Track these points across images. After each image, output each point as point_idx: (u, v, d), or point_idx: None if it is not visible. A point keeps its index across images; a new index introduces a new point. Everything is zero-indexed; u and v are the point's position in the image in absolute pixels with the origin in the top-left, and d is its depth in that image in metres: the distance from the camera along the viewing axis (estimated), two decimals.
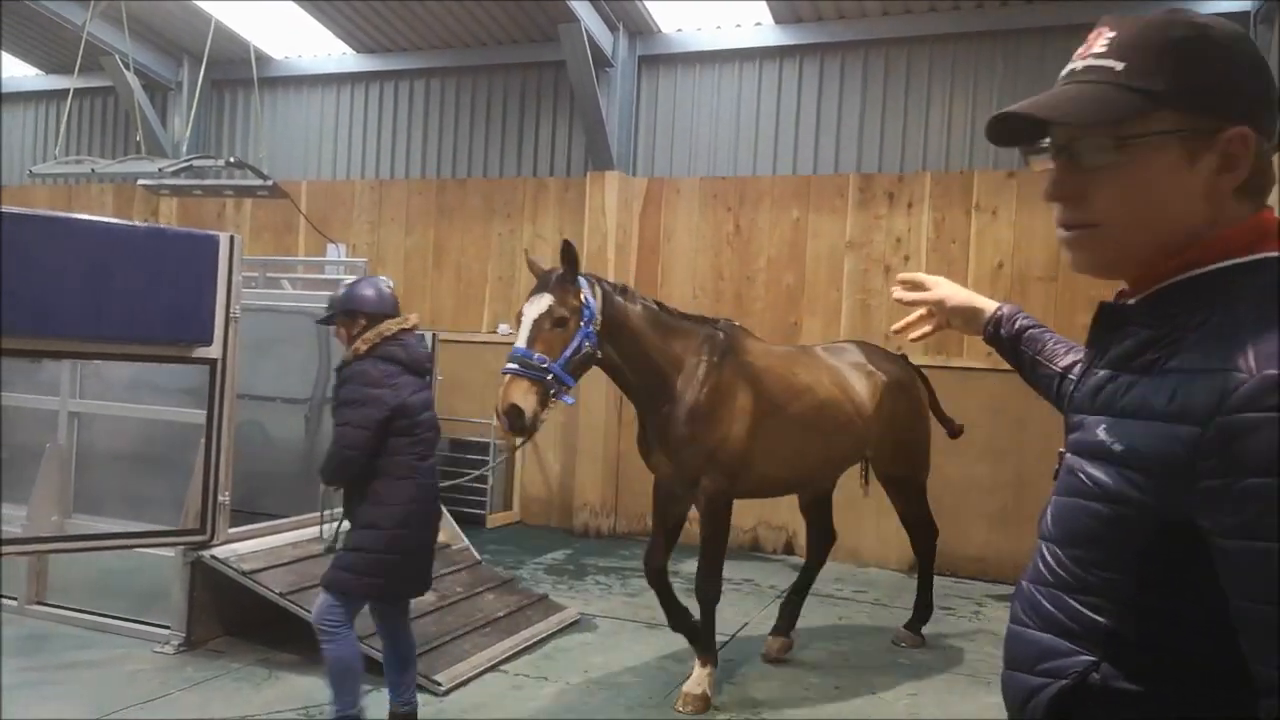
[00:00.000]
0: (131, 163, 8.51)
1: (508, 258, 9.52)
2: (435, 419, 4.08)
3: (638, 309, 4.64)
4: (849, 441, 5.22)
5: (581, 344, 4.33)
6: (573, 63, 8.25)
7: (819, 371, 5.20)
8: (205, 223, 10.43)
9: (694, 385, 4.62)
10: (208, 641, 5.19)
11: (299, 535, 5.73)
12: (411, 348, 4.00)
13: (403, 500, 3.86)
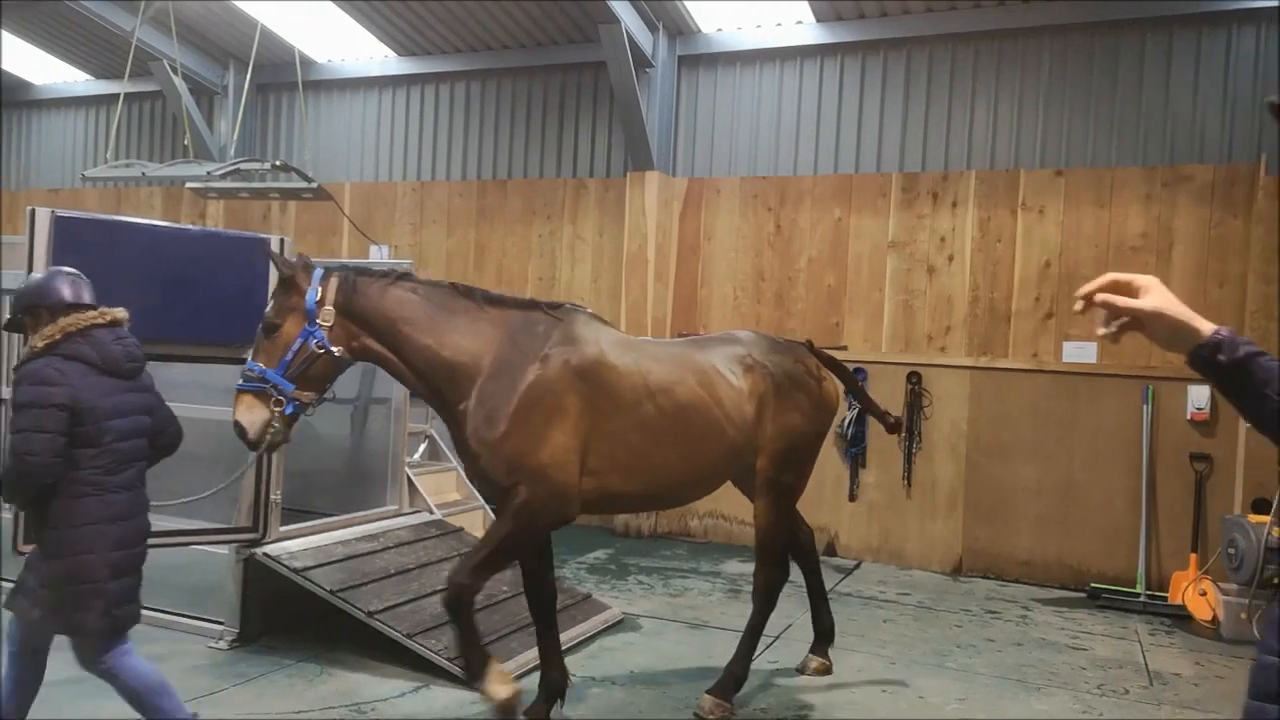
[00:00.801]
0: (180, 166, 8.66)
1: (548, 258, 9.58)
2: (142, 426, 3.59)
3: (406, 297, 4.06)
4: (718, 449, 4.39)
5: (306, 346, 3.92)
6: (613, 63, 8.27)
7: (681, 369, 4.38)
8: (251, 225, 10.60)
9: (498, 381, 3.97)
10: (260, 637, 5.28)
11: (348, 534, 5.82)
12: (104, 345, 3.48)
13: (85, 521, 3.37)
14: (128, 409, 3.52)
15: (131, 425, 3.53)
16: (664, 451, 4.24)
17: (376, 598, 5.13)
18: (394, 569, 5.53)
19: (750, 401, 4.50)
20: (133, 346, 3.60)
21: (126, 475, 3.51)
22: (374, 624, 4.94)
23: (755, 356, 4.62)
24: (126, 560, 3.50)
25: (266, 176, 9.42)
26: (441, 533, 6.33)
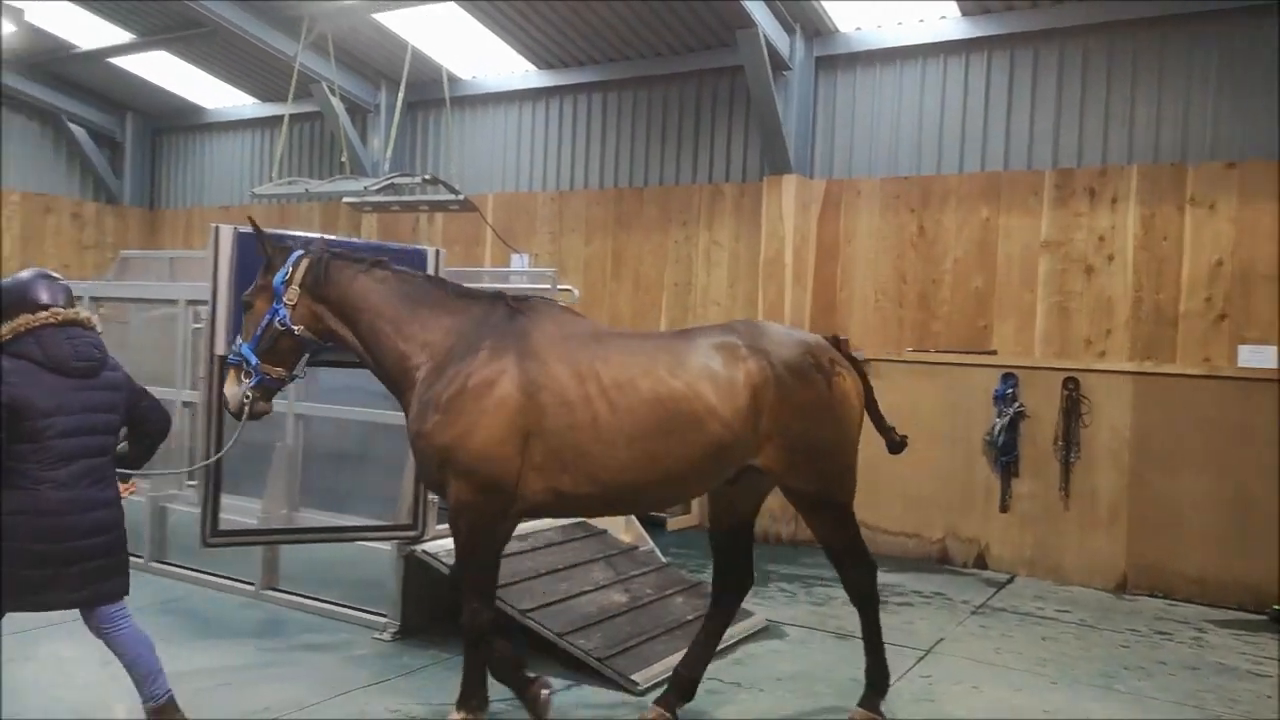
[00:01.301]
0: (339, 182, 9.18)
1: (684, 264, 9.63)
2: (93, 423, 3.69)
3: (369, 282, 4.21)
4: (698, 446, 3.98)
5: (271, 323, 4.14)
6: (750, 68, 8.25)
7: (650, 361, 4.06)
8: (401, 236, 11.10)
9: (440, 374, 3.98)
10: (420, 631, 5.51)
11: None
12: (51, 344, 3.61)
13: (11, 510, 3.54)
14: (74, 407, 3.64)
15: (77, 423, 3.64)
16: (620, 451, 3.94)
17: (528, 596, 5.28)
18: (544, 569, 5.67)
19: (744, 392, 4.03)
20: (86, 346, 3.71)
21: (68, 471, 3.62)
22: (526, 622, 5.08)
23: (753, 345, 4.14)
24: (54, 553, 3.59)
25: (416, 190, 9.85)
26: (586, 534, 6.45)
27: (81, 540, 3.65)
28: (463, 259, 10.75)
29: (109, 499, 3.79)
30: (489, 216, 10.28)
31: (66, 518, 3.61)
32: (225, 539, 5.20)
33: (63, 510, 3.60)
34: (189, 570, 6.50)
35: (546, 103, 10.54)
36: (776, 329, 4.39)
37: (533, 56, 10.20)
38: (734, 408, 4.01)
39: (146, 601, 5.95)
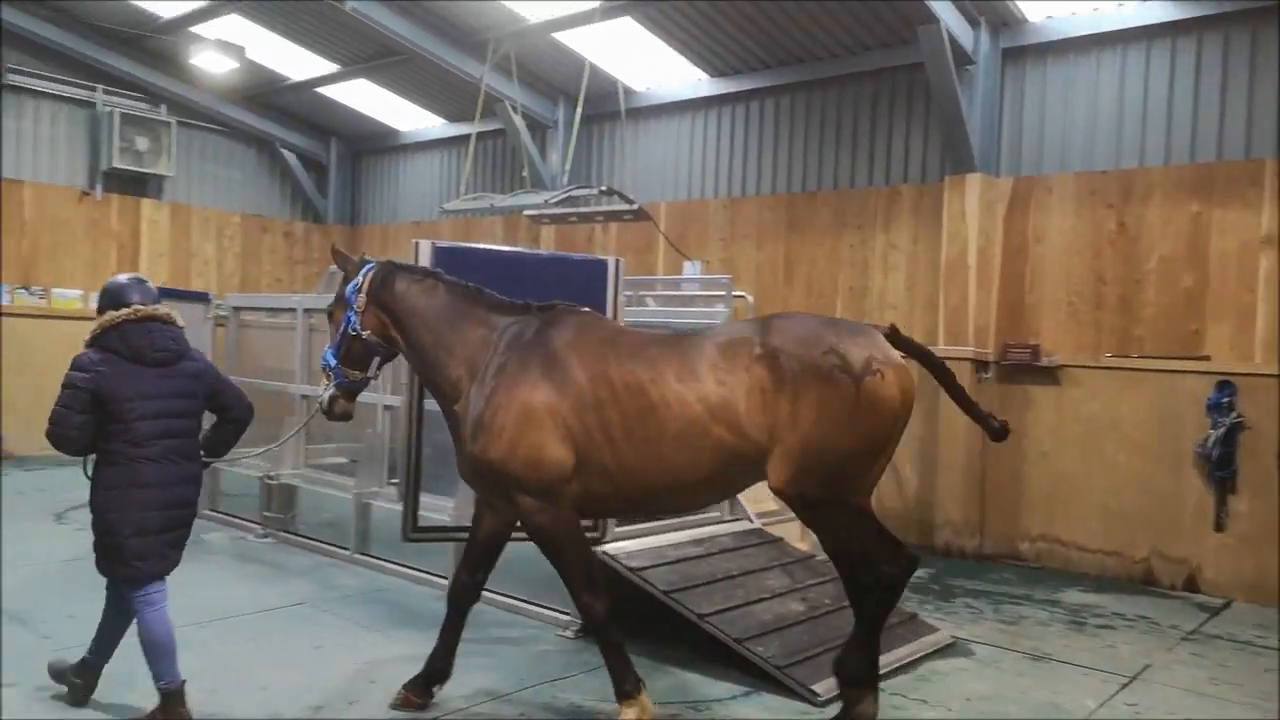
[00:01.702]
0: (521, 196, 9.58)
1: (859, 268, 9.43)
2: (174, 408, 4.06)
3: (421, 291, 4.45)
4: (703, 452, 3.96)
5: (344, 329, 4.49)
6: (932, 64, 8.00)
7: (661, 365, 4.05)
8: (577, 246, 11.45)
9: (481, 387, 4.17)
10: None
11: (676, 537, 6.07)
12: (132, 337, 4.02)
13: (112, 485, 3.94)
14: (154, 393, 4.03)
15: (158, 407, 4.03)
16: (631, 455, 4.02)
17: (706, 601, 5.32)
18: (720, 574, 5.70)
19: (748, 397, 3.91)
20: (164, 339, 4.11)
21: (155, 449, 4.00)
22: (705, 626, 5.12)
23: (770, 344, 3.97)
24: (152, 521, 3.98)
25: (592, 201, 10.14)
26: (761, 541, 6.44)
27: (169, 511, 4.07)
28: (635, 268, 10.95)
29: (192, 475, 4.18)
30: (661, 225, 10.44)
31: (158, 490, 4.02)
32: (423, 535, 5.54)
33: (155, 483, 4.00)
34: (389, 563, 6.95)
35: (719, 110, 10.60)
36: (807, 324, 4.10)
37: (706, 65, 10.29)
38: (733, 415, 3.93)
39: (352, 591, 6.43)
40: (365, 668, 4.96)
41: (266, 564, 7.10)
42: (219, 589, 6.31)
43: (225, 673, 4.75)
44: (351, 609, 6.01)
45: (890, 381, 3.92)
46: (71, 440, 3.95)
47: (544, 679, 4.91)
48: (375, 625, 5.70)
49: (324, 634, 5.50)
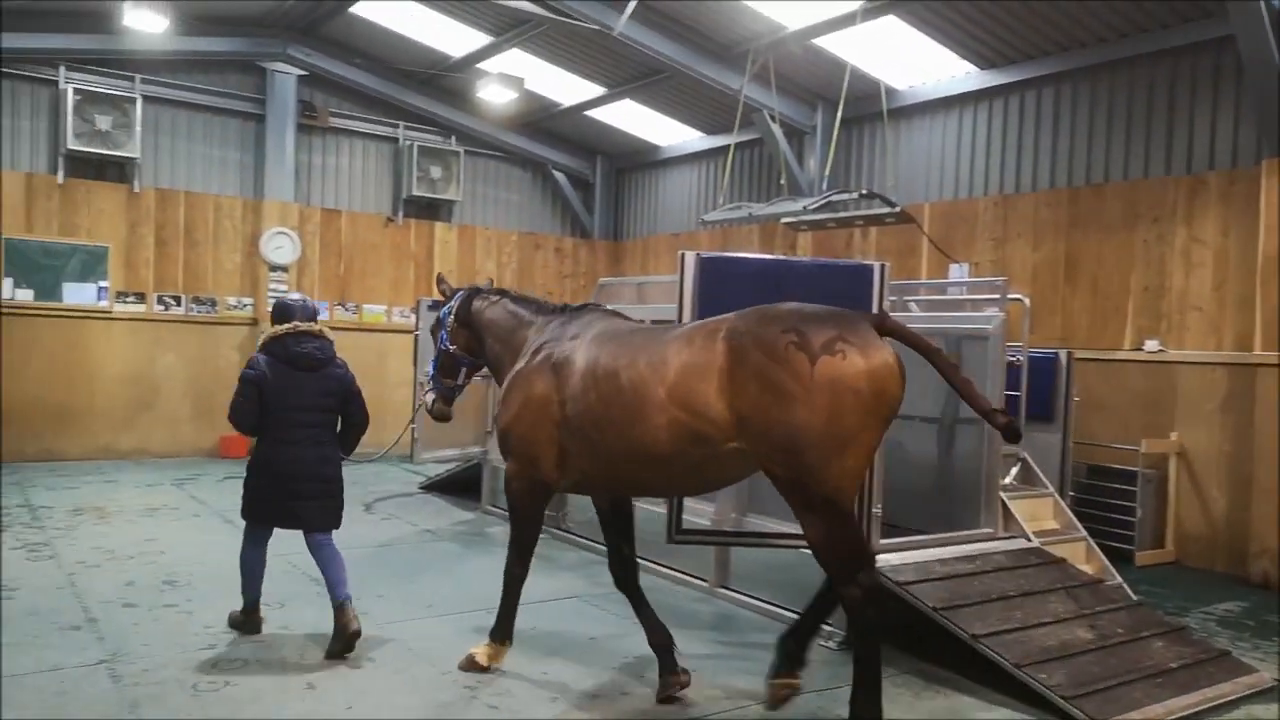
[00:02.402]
0: (779, 204, 9.61)
1: (1154, 266, 8.56)
2: (319, 404, 5.12)
3: (490, 307, 5.30)
4: (666, 433, 4.06)
5: (442, 345, 5.44)
6: (1245, 37, 7.13)
7: (639, 352, 4.28)
8: (836, 252, 11.29)
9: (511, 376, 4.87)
10: None
11: (945, 553, 5.83)
12: (290, 347, 5.11)
13: (265, 459, 5.11)
14: (300, 392, 5.09)
15: (302, 402, 5.09)
16: (608, 438, 4.30)
17: (980, 621, 5.05)
18: (995, 594, 5.39)
19: (707, 378, 3.99)
20: (313, 350, 5.15)
21: (298, 434, 5.08)
22: (979, 648, 4.86)
23: (736, 327, 4.02)
24: (283, 485, 5.08)
25: (851, 205, 9.96)
26: (1042, 562, 6.01)
27: (301, 484, 5.11)
28: (897, 272, 10.61)
29: (325, 457, 5.19)
30: (925, 226, 10.05)
31: (289, 466, 5.08)
32: (687, 537, 5.69)
33: (287, 462, 5.08)
34: (651, 563, 7.19)
35: (989, 103, 10.05)
36: (784, 309, 4.04)
37: (975, 58, 9.79)
38: (692, 396, 4.01)
39: (610, 587, 6.72)
40: (634, 662, 5.17)
41: (540, 558, 7.50)
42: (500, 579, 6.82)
43: (511, 657, 5.13)
44: (618, 605, 6.24)
45: (852, 362, 3.78)
46: (242, 421, 5.12)
47: (809, 688, 4.86)
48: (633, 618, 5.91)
49: (595, 627, 5.79)
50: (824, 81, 10.88)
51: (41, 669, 4.67)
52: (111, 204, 11.74)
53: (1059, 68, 9.26)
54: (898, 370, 3.84)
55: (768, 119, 10.91)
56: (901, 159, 10.85)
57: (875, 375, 3.79)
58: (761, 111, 10.95)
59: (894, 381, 3.83)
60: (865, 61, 10.15)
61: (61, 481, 10.01)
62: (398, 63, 13.07)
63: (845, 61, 9.80)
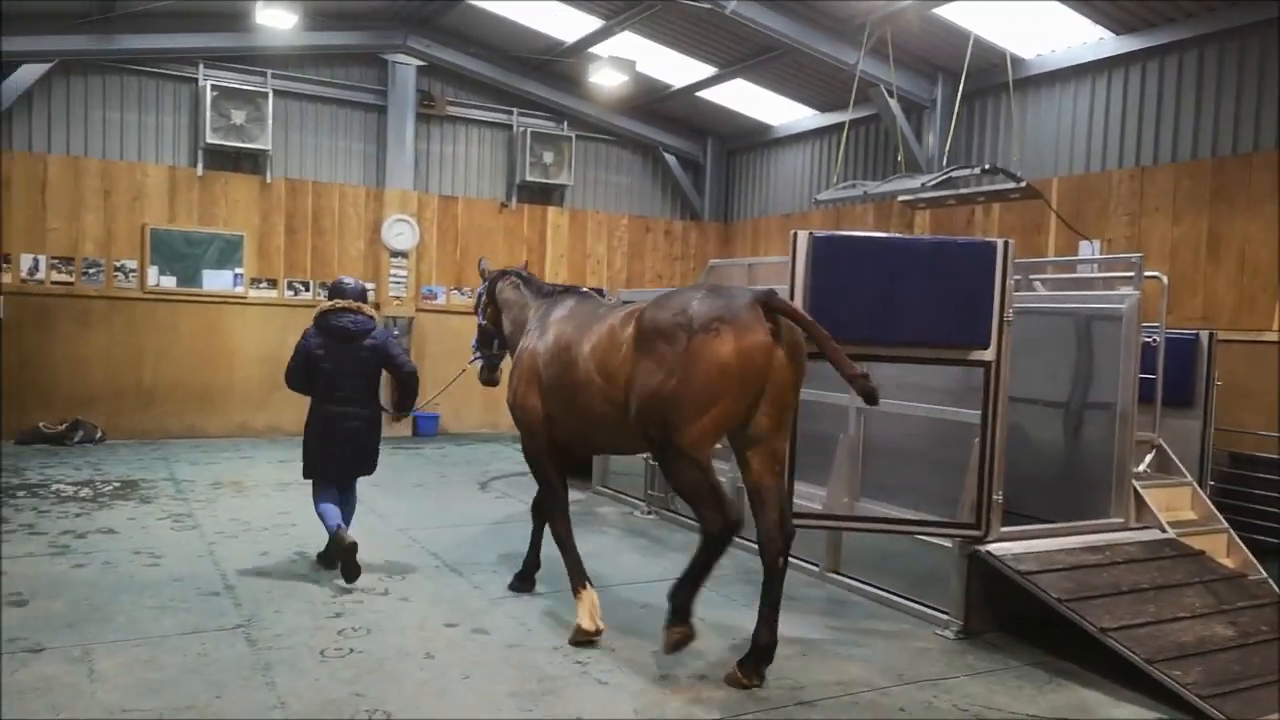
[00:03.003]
0: (896, 181, 9.33)
1: None
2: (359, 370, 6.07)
3: (507, 288, 6.22)
4: (598, 400, 4.81)
5: (479, 320, 6.60)
6: None
7: (587, 330, 5.00)
8: (955, 230, 10.90)
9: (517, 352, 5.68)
10: (983, 633, 5.36)
11: (1070, 542, 5.59)
12: (330, 321, 6.09)
13: (313, 419, 6.13)
14: (343, 360, 6.04)
15: (346, 368, 6.04)
16: (567, 402, 5.06)
17: (1108, 614, 4.82)
18: (1125, 586, 5.13)
19: (620, 352, 4.66)
20: (353, 324, 6.09)
21: (340, 395, 6.03)
22: (1107, 641, 4.64)
23: (648, 309, 4.63)
24: (327, 440, 6.06)
25: (972, 181, 9.58)
26: (1178, 554, 5.68)
27: (339, 438, 6.07)
28: (1021, 250, 10.15)
29: (365, 416, 6.13)
30: (1053, 202, 9.59)
31: (334, 424, 6.05)
32: (799, 521, 5.60)
33: (332, 420, 6.06)
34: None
35: (1126, 70, 9.47)
36: (692, 292, 4.58)
37: (1110, 22, 9.25)
38: (608, 368, 4.70)
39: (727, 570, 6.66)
40: (743, 644, 5.13)
41: (651, 538, 7.65)
42: (612, 558, 6.92)
43: (623, 634, 5.20)
44: (727, 587, 6.27)
45: (725, 339, 4.28)
46: (292, 382, 6.19)
47: (922, 678, 4.76)
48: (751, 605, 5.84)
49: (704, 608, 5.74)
50: (945, 53, 10.48)
51: (184, 631, 5.00)
52: (246, 194, 12.38)
53: (1202, 30, 8.65)
54: (768, 347, 4.33)
55: (884, 94, 10.59)
56: (1028, 132, 10.36)
57: (744, 351, 4.29)
58: (878, 86, 10.64)
59: (762, 357, 4.31)
60: (989, 30, 9.72)
61: (203, 457, 10.67)
62: (512, 50, 13.27)
63: (968, 31, 9.41)
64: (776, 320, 4.39)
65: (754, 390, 4.36)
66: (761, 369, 4.32)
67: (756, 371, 4.32)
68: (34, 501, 8.01)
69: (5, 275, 11.12)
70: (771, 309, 4.40)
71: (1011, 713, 4.35)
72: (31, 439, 10.99)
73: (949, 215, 10.99)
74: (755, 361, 4.30)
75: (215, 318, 12.19)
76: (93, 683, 4.26)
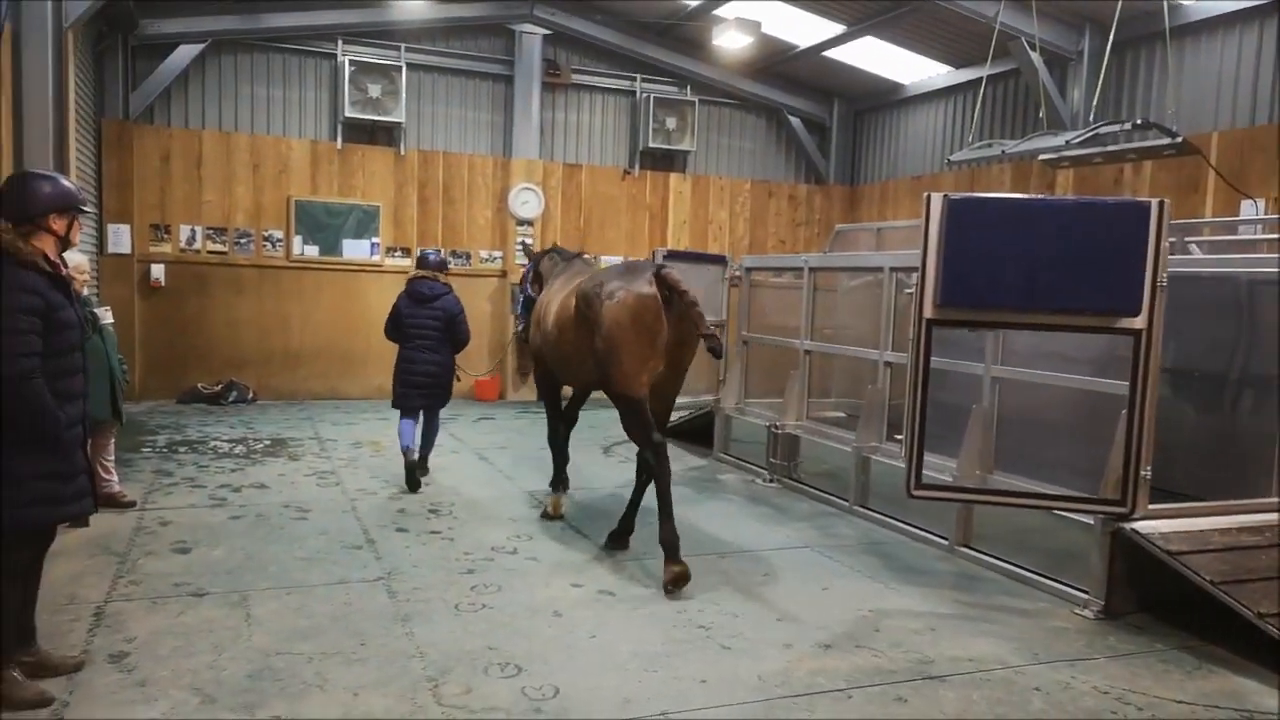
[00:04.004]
0: (1037, 139, 8.83)
1: None
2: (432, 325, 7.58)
3: (546, 261, 7.48)
4: (560, 346, 6.13)
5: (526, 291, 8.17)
6: None
7: (559, 291, 6.31)
8: (1101, 191, 10.30)
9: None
10: (1126, 615, 5.12)
11: (1225, 521, 5.25)
12: (413, 287, 7.71)
13: (399, 361, 7.68)
14: (419, 316, 7.61)
15: (422, 323, 7.59)
16: (547, 346, 6.37)
17: (1266, 598, 4.52)
18: None
19: (567, 313, 5.97)
20: (428, 289, 7.66)
21: (418, 343, 7.60)
22: (1265, 627, 4.36)
23: (584, 282, 5.83)
24: (408, 377, 7.63)
25: (1121, 138, 9.01)
26: None
27: (420, 378, 7.61)
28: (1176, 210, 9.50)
29: (436, 360, 7.63)
30: (1212, 158, 8.92)
31: (413, 366, 7.61)
32: (929, 493, 5.47)
33: (412, 362, 7.61)
34: (886, 517, 7.01)
35: None
36: (616, 268, 5.91)
37: None
38: (567, 324, 5.95)
39: (851, 540, 6.63)
40: (870, 615, 5.09)
41: (773, 506, 7.61)
42: (734, 525, 6.93)
43: (745, 601, 5.21)
44: (852, 557, 6.19)
45: (620, 303, 5.47)
46: (388, 335, 7.83)
47: (1059, 657, 4.59)
48: (876, 576, 5.80)
49: (829, 578, 5.74)
50: (1093, 2, 9.84)
51: (330, 581, 5.30)
52: (381, 166, 12.84)
53: None
54: (655, 307, 5.44)
55: (1026, 47, 10.04)
56: (1185, 84, 9.65)
57: (633, 309, 5.45)
58: (1019, 39, 10.09)
59: (648, 313, 5.45)
60: None
61: (343, 418, 11.23)
62: (636, 15, 13.23)
63: None
64: (666, 287, 5.46)
65: (652, 340, 5.47)
66: (652, 324, 5.46)
67: (648, 325, 5.45)
68: (194, 457, 8.62)
69: (166, 245, 11.93)
70: (660, 279, 5.48)
71: (1157, 696, 4.15)
72: (191, 398, 11.82)
73: (1094, 175, 10.38)
74: (645, 318, 5.45)
75: (353, 285, 12.74)
76: (250, 626, 4.58)
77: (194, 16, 11.66)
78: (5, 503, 3.55)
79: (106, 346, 6.26)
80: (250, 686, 3.92)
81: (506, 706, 3.83)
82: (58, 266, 3.76)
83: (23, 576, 3.82)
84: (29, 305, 3.52)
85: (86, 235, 10.21)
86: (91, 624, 4.52)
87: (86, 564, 5.42)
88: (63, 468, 3.68)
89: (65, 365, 3.70)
